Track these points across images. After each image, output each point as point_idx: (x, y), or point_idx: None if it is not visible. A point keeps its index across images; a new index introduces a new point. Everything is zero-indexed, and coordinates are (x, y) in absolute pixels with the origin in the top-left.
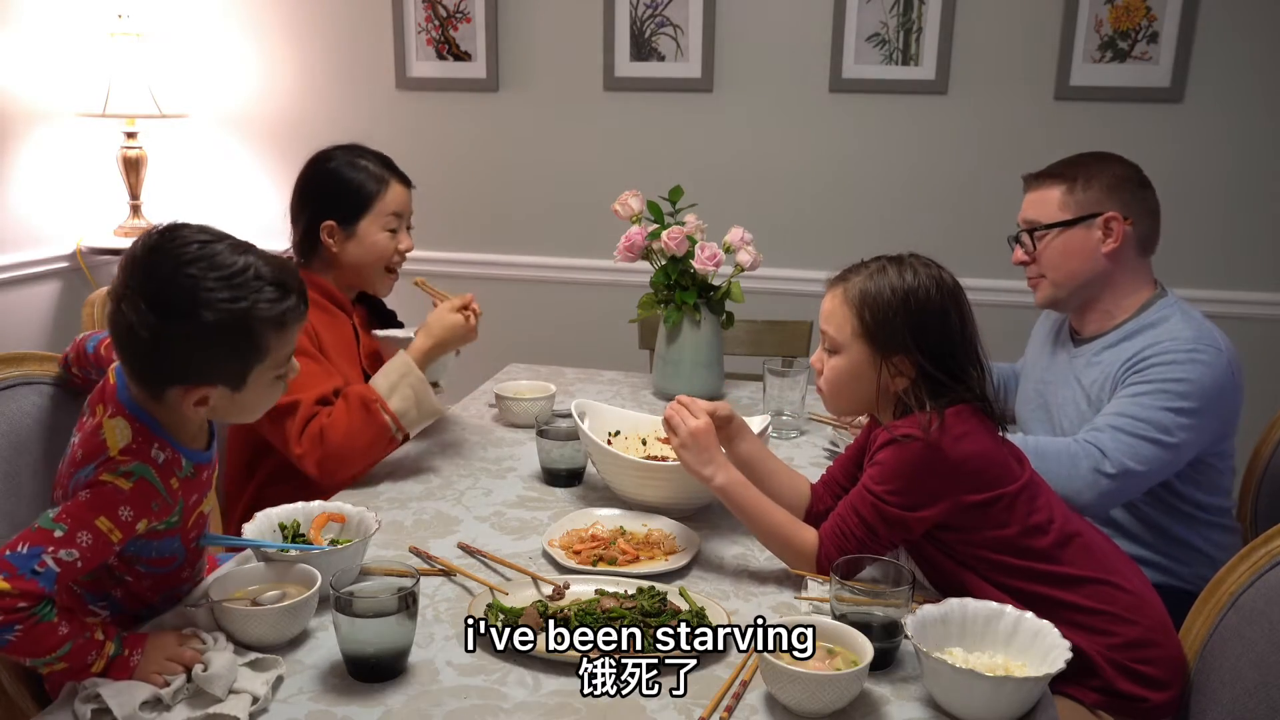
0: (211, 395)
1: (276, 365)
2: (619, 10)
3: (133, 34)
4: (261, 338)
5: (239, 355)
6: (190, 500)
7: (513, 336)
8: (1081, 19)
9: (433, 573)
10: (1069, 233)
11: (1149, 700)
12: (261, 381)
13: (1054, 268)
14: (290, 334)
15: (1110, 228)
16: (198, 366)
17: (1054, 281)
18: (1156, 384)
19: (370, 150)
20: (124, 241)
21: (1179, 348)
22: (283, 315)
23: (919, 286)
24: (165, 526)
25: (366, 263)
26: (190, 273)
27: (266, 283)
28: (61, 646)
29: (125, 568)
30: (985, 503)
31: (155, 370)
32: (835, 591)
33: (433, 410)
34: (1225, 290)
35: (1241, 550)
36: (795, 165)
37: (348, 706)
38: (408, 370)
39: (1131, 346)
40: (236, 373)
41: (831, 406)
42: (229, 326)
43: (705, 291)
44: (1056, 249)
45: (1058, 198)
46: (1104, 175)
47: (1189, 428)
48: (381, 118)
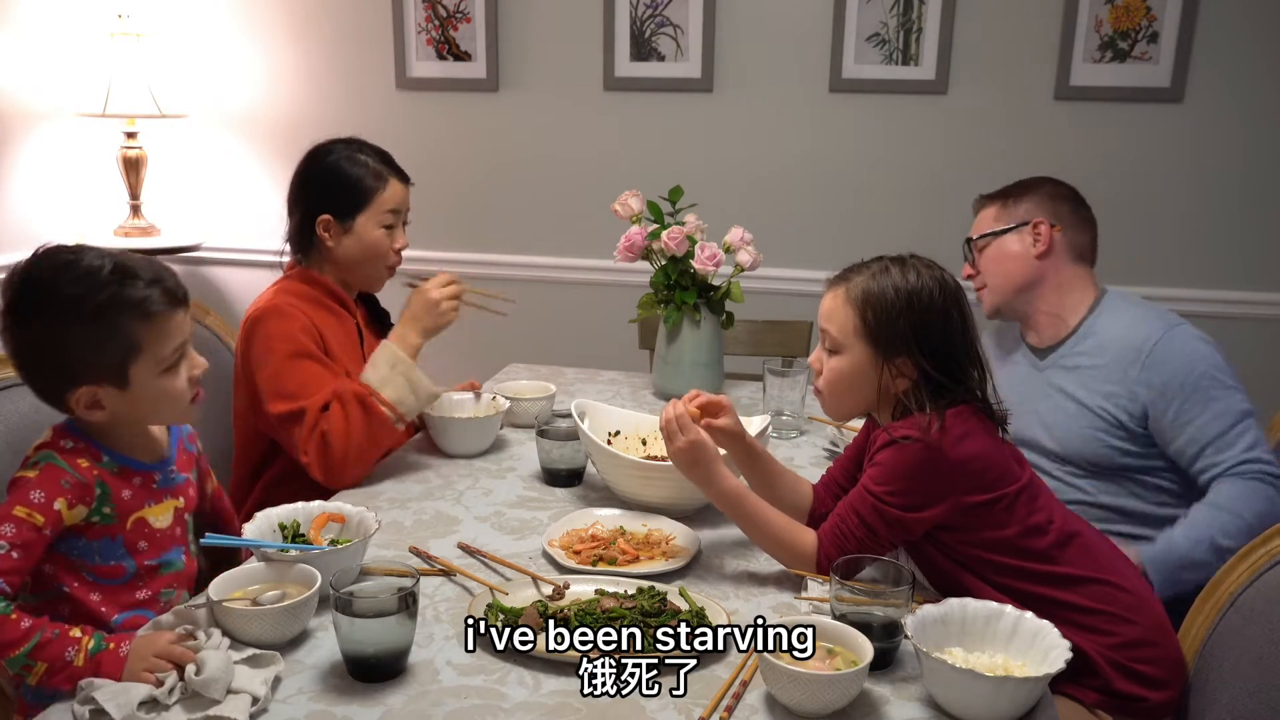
0: (100, 395)
1: (159, 360)
2: (619, 10)
3: (133, 34)
4: (127, 329)
5: (108, 350)
6: (126, 498)
7: (513, 336)
8: (1081, 19)
9: (433, 573)
10: (1002, 239)
11: (1148, 700)
12: (148, 377)
13: (991, 273)
14: (163, 326)
15: (1039, 231)
16: (71, 366)
17: (993, 288)
18: (1203, 385)
19: (370, 145)
20: (124, 241)
21: (1178, 337)
22: (142, 304)
23: (922, 287)
24: (98, 519)
25: (363, 259)
26: (42, 279)
27: (123, 276)
28: (27, 641)
29: (67, 575)
30: (985, 504)
31: (41, 379)
32: (835, 591)
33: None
34: (1225, 290)
35: (1241, 550)
36: (795, 165)
37: (348, 706)
38: (395, 359)
39: (1110, 343)
40: (114, 369)
41: (830, 408)
42: (87, 319)
43: (705, 291)
44: (991, 256)
45: (993, 213)
46: (1035, 191)
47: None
48: (381, 118)
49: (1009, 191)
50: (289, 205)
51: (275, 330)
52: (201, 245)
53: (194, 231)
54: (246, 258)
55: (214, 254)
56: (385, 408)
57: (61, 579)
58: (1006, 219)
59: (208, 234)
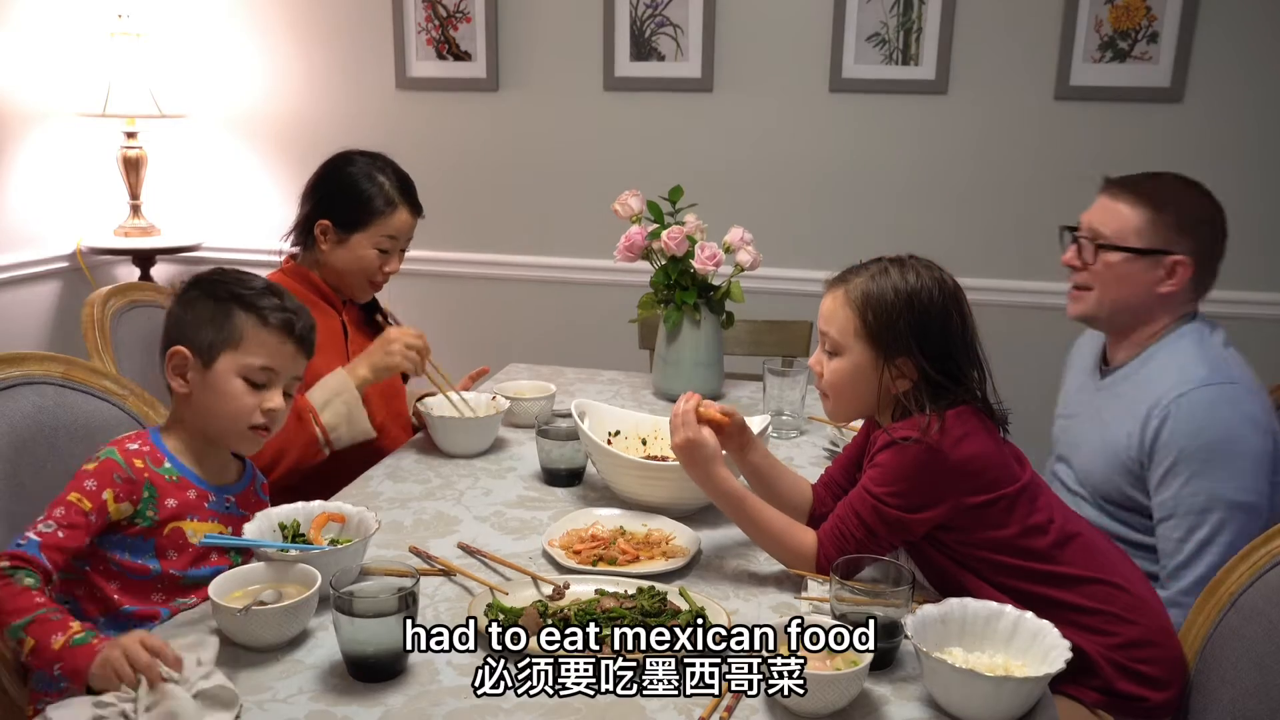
0: (189, 364)
1: (247, 365)
2: (619, 10)
3: (133, 34)
4: (239, 320)
5: (216, 326)
6: (171, 506)
7: (513, 336)
8: (1081, 19)
9: (433, 573)
10: (1134, 261)
11: (1149, 700)
12: (228, 371)
13: (1106, 287)
14: (269, 341)
15: (1175, 271)
16: (183, 326)
17: (1100, 300)
18: (1201, 456)
19: (394, 167)
20: (124, 241)
21: (1206, 396)
22: (265, 314)
23: (922, 288)
24: (141, 520)
25: (348, 272)
26: (225, 271)
27: (268, 291)
28: (29, 613)
29: (92, 558)
30: (985, 504)
31: (166, 332)
32: (835, 591)
33: (363, 430)
34: (1225, 290)
35: (1241, 550)
36: (795, 165)
37: (348, 706)
38: (343, 388)
39: (1152, 380)
40: (210, 347)
41: (834, 412)
42: (220, 299)
43: (705, 291)
44: (1116, 272)
45: (1137, 221)
46: (1188, 211)
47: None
48: (381, 118)
49: (1161, 199)
50: (301, 198)
51: None
52: (201, 245)
53: (194, 231)
54: (246, 257)
55: (214, 254)
56: (318, 427)
57: (84, 559)
58: (1150, 238)
59: (208, 234)
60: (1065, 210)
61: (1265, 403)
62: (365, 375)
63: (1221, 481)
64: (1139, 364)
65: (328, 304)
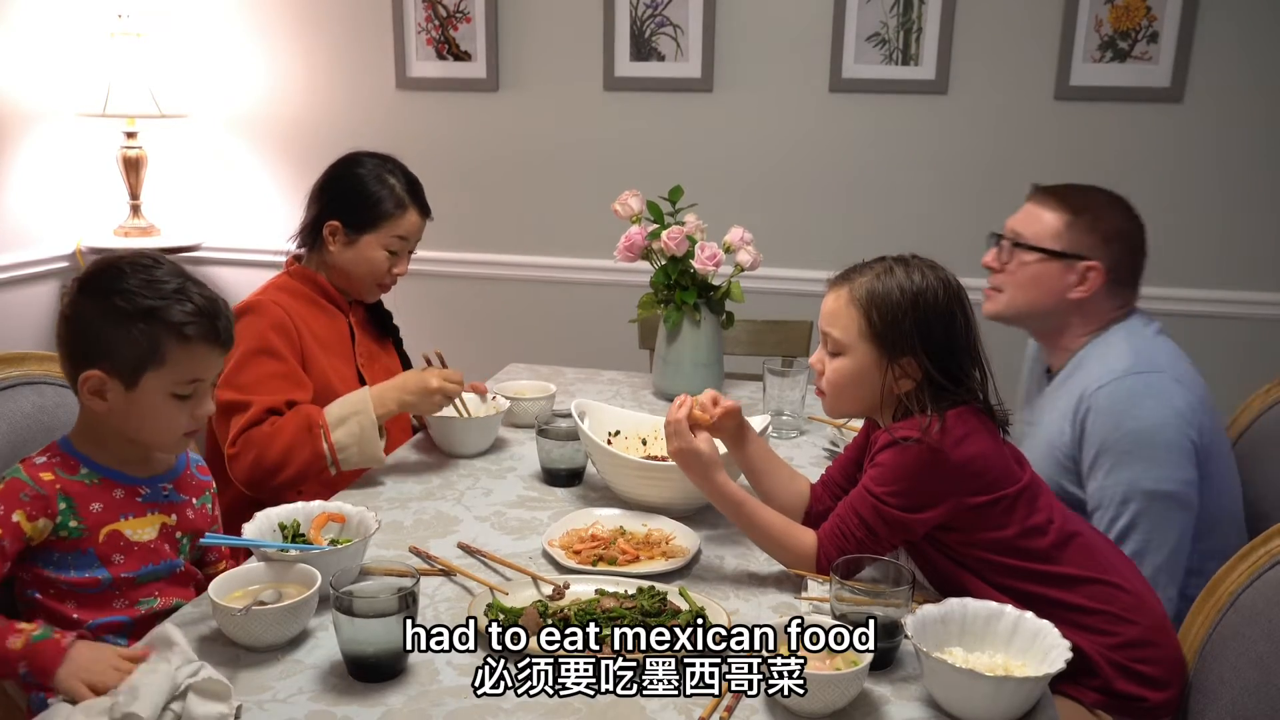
0: (108, 386)
1: (175, 382)
2: (619, 10)
3: (133, 34)
4: (161, 340)
5: (135, 348)
6: (96, 511)
7: (513, 336)
8: (1081, 19)
9: (433, 573)
10: (1048, 263)
11: (1148, 700)
12: (155, 391)
13: (1017, 287)
14: (191, 354)
15: (1087, 277)
16: (99, 347)
17: (1010, 301)
18: (1123, 447)
19: (404, 170)
20: (124, 241)
21: (1126, 386)
22: (185, 327)
23: (927, 288)
24: (66, 533)
25: (357, 273)
26: (121, 269)
27: (186, 299)
28: None
29: (39, 585)
30: (986, 504)
31: (68, 348)
32: (835, 591)
33: (374, 456)
34: (1225, 290)
35: (1241, 550)
36: (795, 165)
37: (348, 706)
38: (362, 408)
39: (1081, 376)
40: (131, 369)
41: (832, 409)
42: (132, 315)
43: (705, 291)
44: (1028, 273)
45: (1055, 225)
46: (1108, 222)
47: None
48: (381, 118)
49: (1081, 206)
50: (308, 200)
51: (247, 326)
52: (201, 245)
53: (194, 231)
54: (246, 258)
55: (214, 254)
56: (326, 444)
57: (33, 587)
58: (1067, 241)
59: (208, 234)
60: None
61: (1193, 391)
62: (392, 410)
63: (1140, 472)
64: (1074, 366)
65: (334, 305)
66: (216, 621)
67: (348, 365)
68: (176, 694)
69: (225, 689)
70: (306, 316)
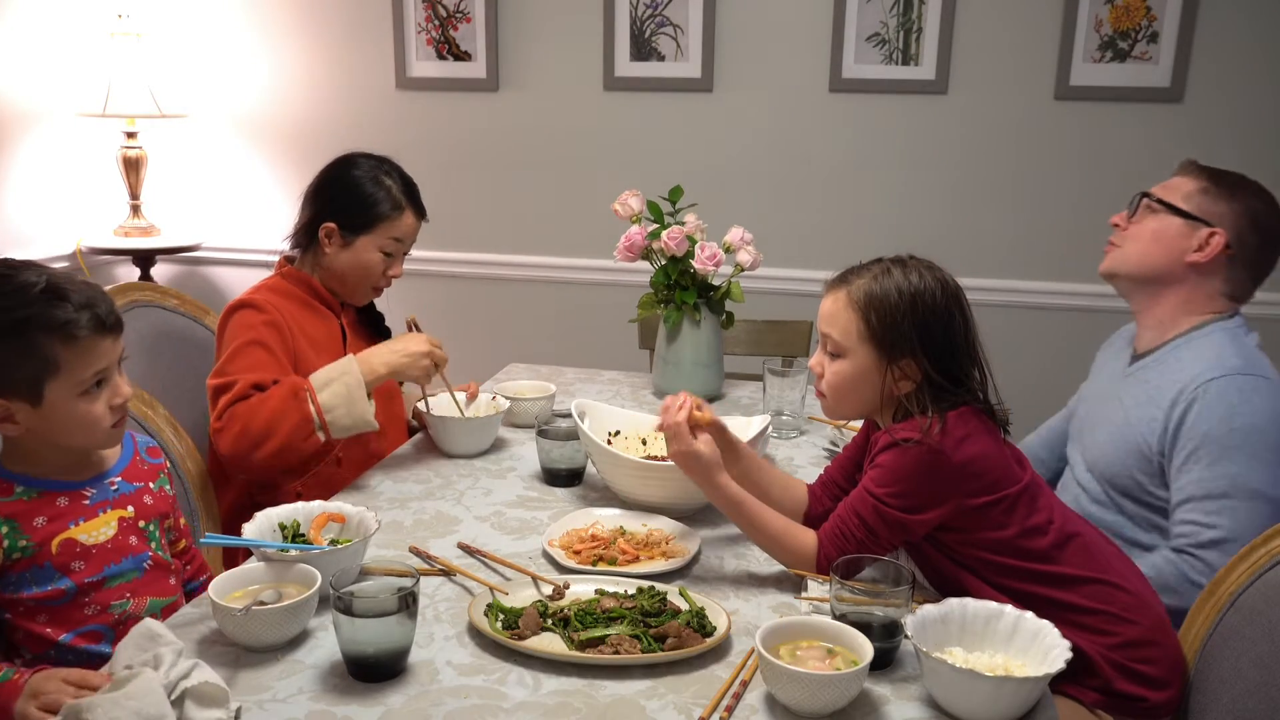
0: (14, 409)
1: (78, 383)
2: (619, 10)
3: (133, 34)
4: (47, 348)
5: (25, 365)
6: (41, 525)
7: (513, 336)
8: (1081, 19)
9: (433, 573)
10: (1172, 219)
11: (1148, 700)
12: (63, 399)
13: (1135, 240)
14: (85, 350)
15: (1211, 241)
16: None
17: (1124, 256)
18: (1227, 442)
19: (399, 171)
20: (124, 241)
21: (1234, 384)
22: (66, 326)
23: (925, 289)
24: (18, 554)
25: (352, 275)
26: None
27: (53, 296)
28: None
29: (8, 606)
30: (986, 505)
31: None
32: (835, 591)
33: (363, 419)
34: None
35: (1241, 550)
36: (795, 165)
37: (348, 706)
38: (347, 369)
39: (1178, 370)
40: (29, 385)
41: (833, 412)
42: (7, 332)
43: (705, 291)
44: (1150, 227)
45: (1189, 188)
46: (1243, 200)
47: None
48: (381, 118)
49: (1223, 179)
50: (302, 202)
51: (240, 320)
52: (201, 245)
53: (194, 231)
54: (246, 257)
55: (213, 254)
56: (313, 406)
57: (3, 609)
58: (1195, 206)
59: (207, 234)
60: (1065, 210)
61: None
62: (380, 373)
63: (1245, 468)
64: (1169, 351)
65: (326, 307)
66: (216, 621)
67: None
68: (173, 697)
69: (223, 693)
70: (299, 317)
